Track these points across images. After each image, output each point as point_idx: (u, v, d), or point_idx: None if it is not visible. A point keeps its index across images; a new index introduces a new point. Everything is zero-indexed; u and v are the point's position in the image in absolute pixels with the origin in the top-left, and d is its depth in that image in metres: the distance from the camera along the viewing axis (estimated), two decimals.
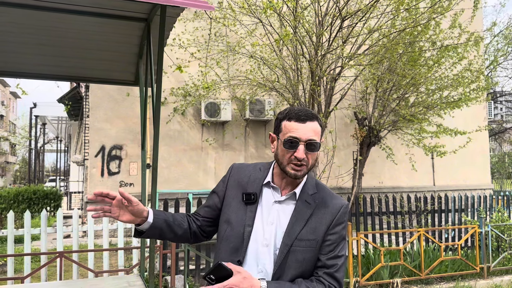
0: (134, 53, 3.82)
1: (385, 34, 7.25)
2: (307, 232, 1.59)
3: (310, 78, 7.17)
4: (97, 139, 9.93)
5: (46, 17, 3.06)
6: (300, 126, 1.57)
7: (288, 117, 1.61)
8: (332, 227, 1.62)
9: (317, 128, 1.60)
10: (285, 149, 1.58)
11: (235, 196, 1.69)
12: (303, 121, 1.58)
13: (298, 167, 1.58)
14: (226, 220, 1.67)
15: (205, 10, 6.81)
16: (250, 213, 1.63)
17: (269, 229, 1.60)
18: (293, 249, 1.56)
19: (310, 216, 1.61)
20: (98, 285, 3.38)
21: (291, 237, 1.57)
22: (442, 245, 6.01)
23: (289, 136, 1.57)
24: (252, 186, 1.68)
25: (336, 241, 1.62)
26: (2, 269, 5.92)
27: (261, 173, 1.71)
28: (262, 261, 1.58)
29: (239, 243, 1.60)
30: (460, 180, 13.26)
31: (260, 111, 10.47)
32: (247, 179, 1.71)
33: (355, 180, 9.25)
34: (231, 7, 7.06)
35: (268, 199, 1.65)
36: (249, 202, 1.64)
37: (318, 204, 1.64)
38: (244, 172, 1.74)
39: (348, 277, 5.49)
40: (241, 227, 1.61)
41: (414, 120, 8.96)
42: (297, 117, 1.59)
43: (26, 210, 5.24)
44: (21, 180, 43.10)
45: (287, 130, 1.59)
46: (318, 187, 1.70)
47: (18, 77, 4.65)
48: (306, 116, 1.59)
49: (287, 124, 1.60)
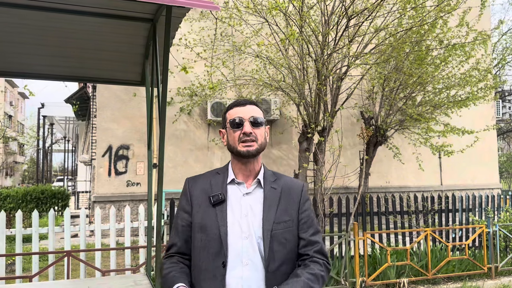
0: (140, 53, 3.84)
1: (391, 33, 7.20)
2: (281, 215, 1.68)
3: (316, 77, 7.15)
4: (104, 139, 9.99)
5: (52, 18, 3.08)
6: (241, 108, 1.72)
7: (230, 107, 1.77)
8: (302, 205, 1.76)
9: (258, 110, 1.75)
10: (232, 129, 1.70)
11: (202, 202, 1.71)
12: (243, 105, 1.74)
13: (249, 143, 1.67)
14: (198, 228, 1.68)
15: (211, 10, 6.82)
16: (221, 213, 1.66)
17: (245, 222, 1.65)
18: (274, 233, 1.63)
19: (279, 199, 1.72)
20: (105, 284, 3.40)
21: (270, 222, 1.65)
22: (449, 245, 5.98)
23: (233, 117, 1.71)
24: (216, 188, 1.72)
25: (310, 216, 1.76)
26: (10, 268, 5.98)
27: (221, 175, 1.76)
28: (246, 254, 1.61)
29: (218, 246, 1.62)
30: (467, 179, 13.17)
31: (266, 111, 10.47)
32: (209, 184, 1.74)
33: (361, 179, 9.21)
34: (236, 7, 7.06)
35: (236, 195, 1.71)
36: (217, 202, 1.67)
37: (283, 187, 1.75)
38: (202, 180, 1.78)
39: (354, 277, 5.48)
40: (216, 229, 1.63)
41: (421, 119, 8.90)
42: (237, 103, 1.75)
43: (34, 210, 5.28)
44: (29, 180, 43.46)
45: (231, 116, 1.73)
46: (276, 175, 1.81)
47: (25, 77, 4.69)
48: (245, 101, 1.76)
49: (231, 111, 1.75)
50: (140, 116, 10.05)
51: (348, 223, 6.31)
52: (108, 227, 5.44)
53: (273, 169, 2.03)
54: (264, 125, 1.75)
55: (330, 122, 7.20)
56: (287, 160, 11.31)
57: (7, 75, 4.49)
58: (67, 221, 5.25)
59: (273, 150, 11.27)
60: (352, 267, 5.59)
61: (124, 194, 10.05)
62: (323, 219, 6.38)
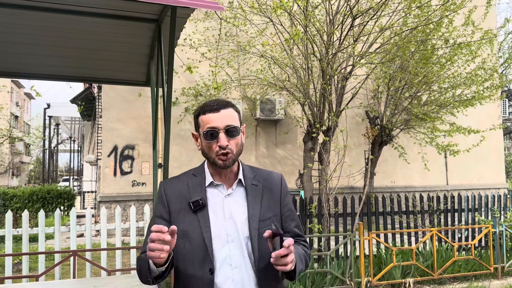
0: (145, 54, 3.86)
1: (397, 32, 7.18)
2: (265, 212, 1.65)
3: (321, 77, 7.14)
4: (109, 139, 10.03)
5: (58, 19, 3.10)
6: (215, 115, 1.60)
7: (203, 111, 1.64)
8: (283, 198, 1.74)
9: (232, 114, 1.64)
10: (207, 141, 1.61)
11: (181, 208, 1.63)
12: (217, 110, 1.61)
13: (225, 156, 1.60)
14: (183, 235, 1.58)
15: (215, 11, 6.83)
16: (203, 218, 1.59)
17: (230, 224, 1.60)
18: (261, 231, 1.59)
19: (261, 196, 1.68)
20: (111, 284, 3.42)
21: (256, 220, 1.62)
22: (455, 245, 5.95)
23: (207, 128, 1.60)
24: (195, 192, 1.64)
25: (291, 209, 1.76)
26: (17, 267, 6.02)
27: (198, 178, 1.69)
28: (234, 258, 1.57)
29: (203, 253, 1.56)
30: (473, 179, 13.10)
31: (271, 111, 10.47)
32: (186, 187, 1.66)
33: (366, 179, 9.19)
34: (241, 7, 7.07)
35: (217, 198, 1.64)
36: (198, 208, 1.60)
37: (263, 183, 1.72)
38: (178, 183, 1.70)
39: (359, 277, 5.47)
40: (199, 236, 1.57)
41: (427, 118, 8.86)
42: (210, 108, 1.62)
43: (40, 209, 5.32)
44: (36, 180, 43.73)
45: (204, 123, 1.62)
46: (254, 170, 1.77)
47: (32, 78, 4.73)
48: (218, 105, 1.62)
49: (203, 117, 1.63)
50: (145, 116, 10.08)
51: (353, 223, 6.30)
52: (113, 226, 5.46)
53: (278, 169, 2.01)
54: (240, 131, 1.65)
55: (335, 121, 7.19)
56: (291, 160, 11.31)
57: (14, 76, 4.53)
58: (73, 221, 5.28)
59: (278, 150, 11.27)
60: (358, 267, 5.57)
61: (130, 194, 10.08)
62: (328, 219, 6.37)
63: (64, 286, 3.38)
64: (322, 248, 6.07)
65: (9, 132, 22.57)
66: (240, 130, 1.66)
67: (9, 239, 5.03)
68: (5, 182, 34.83)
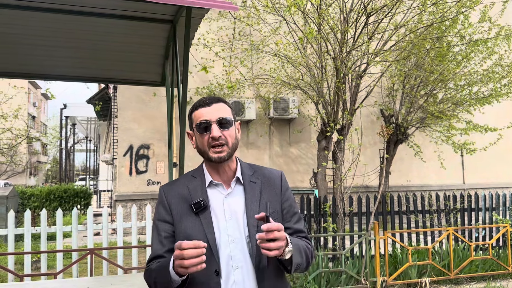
0: (160, 54, 3.89)
1: (411, 29, 7.11)
2: (264, 208, 1.60)
3: (334, 75, 7.11)
4: (125, 138, 10.14)
5: (74, 20, 3.15)
6: (207, 109, 1.61)
7: (195, 107, 1.65)
8: (283, 194, 1.71)
9: (224, 108, 1.63)
10: (200, 134, 1.61)
11: (182, 211, 1.61)
12: (209, 105, 1.62)
13: (219, 148, 1.59)
14: (186, 238, 1.53)
15: (230, 10, 6.85)
16: (205, 220, 1.58)
17: (231, 224, 1.58)
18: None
19: (260, 193, 1.66)
20: (128, 282, 3.46)
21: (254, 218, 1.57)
22: (472, 245, 5.87)
23: (199, 121, 1.60)
24: (196, 194, 1.62)
25: (292, 204, 1.73)
26: (36, 265, 6.13)
27: (198, 179, 1.67)
28: (235, 258, 1.56)
29: (208, 254, 1.51)
30: (491, 178, 12.90)
31: (284, 110, 10.46)
32: (187, 190, 1.64)
33: (381, 178, 9.11)
34: (254, 6, 7.07)
35: (217, 198, 1.63)
36: (200, 210, 1.58)
37: (262, 180, 1.69)
38: (178, 186, 1.68)
39: (375, 276, 5.43)
40: (204, 238, 1.54)
41: (443, 117, 8.76)
42: (202, 103, 1.63)
43: (57, 208, 5.41)
44: (52, 179, 44.39)
45: (196, 118, 1.63)
46: (253, 167, 1.75)
47: (49, 79, 4.81)
48: (210, 100, 1.63)
49: (196, 113, 1.64)
50: (160, 116, 10.16)
51: (368, 222, 6.26)
52: (129, 225, 5.53)
53: (291, 169, 1.99)
54: (233, 124, 1.64)
55: (349, 120, 7.15)
56: (305, 159, 11.28)
57: (32, 77, 4.61)
58: (90, 220, 5.35)
59: (292, 149, 11.25)
60: (373, 267, 5.54)
61: (145, 192, 10.18)
62: (343, 218, 6.34)
63: (81, 284, 3.43)
64: (337, 247, 6.05)
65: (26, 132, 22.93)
66: (233, 122, 1.65)
67: (28, 237, 5.13)
68: (23, 181, 35.43)
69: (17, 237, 7.17)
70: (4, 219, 7.97)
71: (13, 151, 21.14)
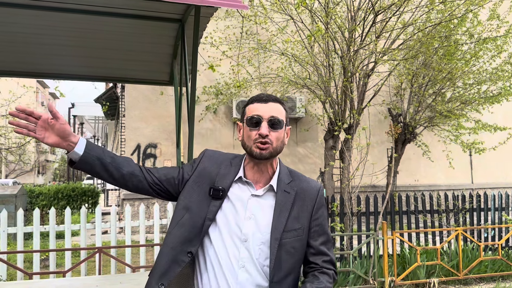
0: (168, 53, 3.89)
1: (420, 28, 7.06)
2: (292, 222, 1.58)
3: (342, 74, 7.08)
4: (132, 137, 10.18)
5: (82, 19, 3.16)
6: (262, 105, 1.58)
7: (251, 101, 1.63)
8: (315, 212, 1.65)
9: (280, 108, 1.61)
10: (248, 128, 1.58)
11: (201, 186, 1.62)
12: (265, 101, 1.59)
13: (263, 145, 1.55)
14: (185, 206, 1.60)
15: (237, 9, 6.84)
16: (213, 207, 1.57)
17: (248, 224, 1.55)
18: (283, 242, 1.54)
19: (292, 205, 1.60)
20: (136, 280, 3.47)
21: (279, 230, 1.55)
22: (481, 245, 5.82)
23: (251, 114, 1.58)
24: (222, 181, 1.61)
25: (322, 224, 1.66)
26: (44, 263, 6.16)
27: (233, 168, 1.65)
28: (242, 257, 1.53)
29: (194, 234, 1.55)
30: (500, 177, 12.79)
31: (291, 109, 10.44)
32: (217, 171, 1.64)
33: (389, 178, 9.07)
34: (262, 5, 7.06)
35: (241, 194, 1.60)
36: (215, 197, 1.58)
37: (297, 191, 1.63)
38: (215, 162, 1.68)
39: (383, 276, 5.41)
40: (201, 219, 1.56)
41: (451, 116, 8.69)
42: (259, 99, 1.61)
43: (66, 207, 5.43)
44: (60, 178, 44.69)
45: (250, 111, 1.60)
46: (292, 175, 1.69)
47: (57, 78, 4.83)
48: (268, 97, 1.61)
49: (251, 106, 1.61)
50: (167, 115, 10.18)
51: (376, 222, 6.23)
52: (137, 224, 5.54)
53: (298, 168, 1.96)
54: (284, 127, 1.61)
55: (357, 119, 7.12)
56: (312, 159, 11.25)
57: (40, 76, 4.64)
58: (98, 218, 5.37)
59: (299, 148, 11.23)
60: (381, 267, 5.52)
61: None
62: (351, 218, 6.31)
63: (90, 282, 3.45)
64: (344, 247, 6.02)
65: None
66: (284, 125, 1.61)
67: (37, 236, 5.16)
68: (31, 180, 35.69)
69: (26, 235, 7.22)
70: (13, 217, 8.03)
71: (21, 150, 21.31)
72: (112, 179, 1.61)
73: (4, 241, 5.06)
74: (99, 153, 1.57)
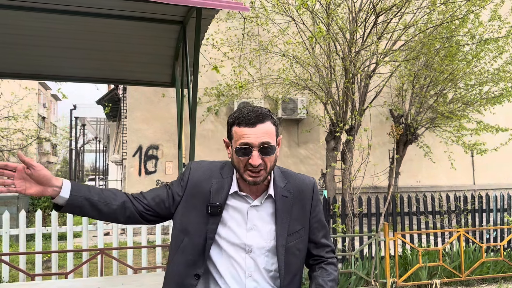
0: (170, 55, 3.90)
1: (421, 29, 7.06)
2: (294, 224, 1.59)
3: (343, 75, 7.08)
4: (134, 139, 10.19)
5: (84, 22, 3.17)
6: (251, 130, 1.46)
7: (238, 122, 1.49)
8: (313, 210, 1.67)
9: (269, 129, 1.49)
10: (238, 157, 1.49)
11: (195, 205, 1.56)
12: (253, 125, 1.47)
13: (256, 173, 1.49)
14: (182, 230, 1.56)
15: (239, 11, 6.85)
16: (212, 225, 1.53)
17: (251, 235, 1.55)
18: (288, 246, 1.56)
19: (291, 207, 1.61)
20: (138, 281, 3.48)
21: (284, 236, 1.56)
22: (483, 246, 5.82)
23: (240, 144, 1.47)
24: (216, 196, 1.55)
25: (320, 218, 1.69)
26: (46, 264, 6.18)
27: (225, 181, 1.58)
28: (248, 267, 1.54)
29: (197, 255, 1.53)
30: (502, 178, 12.76)
31: (293, 110, 10.44)
32: (209, 187, 1.57)
33: (391, 179, 9.07)
34: (263, 6, 7.07)
35: (240, 206, 1.57)
36: (213, 214, 1.54)
37: (294, 193, 1.63)
38: (204, 174, 1.60)
39: (385, 278, 5.40)
40: (201, 239, 1.53)
41: (453, 117, 8.68)
42: (247, 121, 1.47)
43: None
44: None
45: (238, 136, 1.49)
46: (286, 175, 1.66)
47: (59, 80, 4.85)
48: (256, 119, 1.47)
49: (237, 130, 1.49)
50: (168, 117, 10.20)
51: (378, 223, 6.23)
52: (139, 225, 5.55)
53: (300, 170, 1.97)
54: (275, 150, 1.51)
55: (359, 120, 7.12)
56: (314, 160, 11.25)
57: (42, 78, 4.66)
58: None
59: (300, 149, 11.22)
60: (383, 268, 5.51)
61: None
62: (352, 219, 6.31)
63: (92, 284, 3.45)
64: (346, 249, 6.02)
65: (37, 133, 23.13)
66: (276, 147, 1.53)
67: (39, 237, 5.17)
68: None
69: (28, 236, 7.23)
70: (16, 219, 8.04)
71: (23, 151, 21.34)
72: (104, 217, 1.54)
73: (6, 242, 5.08)
74: (85, 193, 1.48)
